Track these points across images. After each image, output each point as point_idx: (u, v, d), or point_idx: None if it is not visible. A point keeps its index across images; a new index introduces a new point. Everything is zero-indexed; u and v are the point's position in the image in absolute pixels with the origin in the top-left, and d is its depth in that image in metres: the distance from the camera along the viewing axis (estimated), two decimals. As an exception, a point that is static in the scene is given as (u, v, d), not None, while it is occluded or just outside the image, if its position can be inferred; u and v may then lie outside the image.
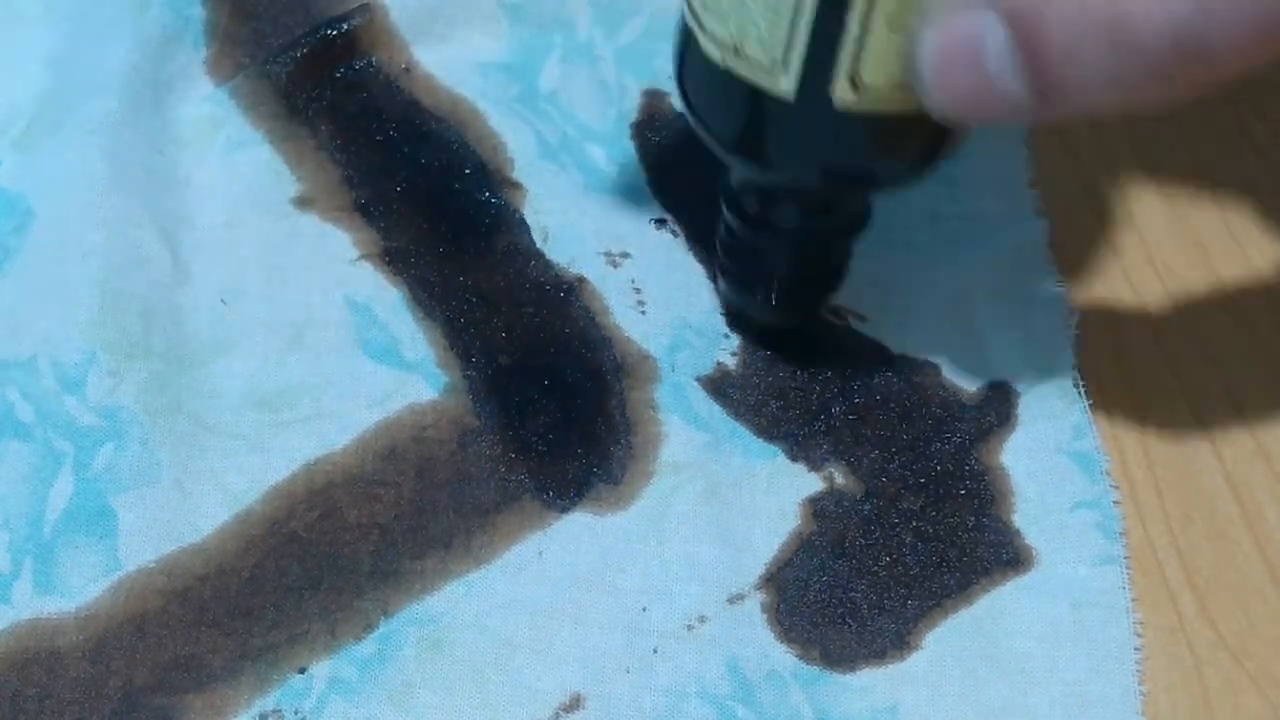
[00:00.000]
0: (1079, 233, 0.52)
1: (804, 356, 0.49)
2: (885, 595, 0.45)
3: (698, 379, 0.49)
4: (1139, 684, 0.43)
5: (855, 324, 0.50)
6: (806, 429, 0.48)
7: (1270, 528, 0.46)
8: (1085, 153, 0.53)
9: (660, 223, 0.52)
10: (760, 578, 0.45)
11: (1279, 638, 0.45)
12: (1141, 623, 0.44)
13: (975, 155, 0.52)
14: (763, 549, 0.46)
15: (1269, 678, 0.44)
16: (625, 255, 0.51)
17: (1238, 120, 0.54)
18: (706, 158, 0.43)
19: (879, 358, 0.49)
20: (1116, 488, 0.46)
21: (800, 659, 0.44)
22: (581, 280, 0.50)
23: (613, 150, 0.53)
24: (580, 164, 0.53)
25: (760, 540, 0.46)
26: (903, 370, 0.49)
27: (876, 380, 0.48)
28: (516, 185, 0.52)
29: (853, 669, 0.44)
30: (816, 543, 0.46)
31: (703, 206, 0.52)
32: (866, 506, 0.46)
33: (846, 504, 0.46)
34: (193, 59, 0.53)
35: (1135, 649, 0.44)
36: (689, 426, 0.48)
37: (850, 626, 0.44)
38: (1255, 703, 0.44)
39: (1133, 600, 0.44)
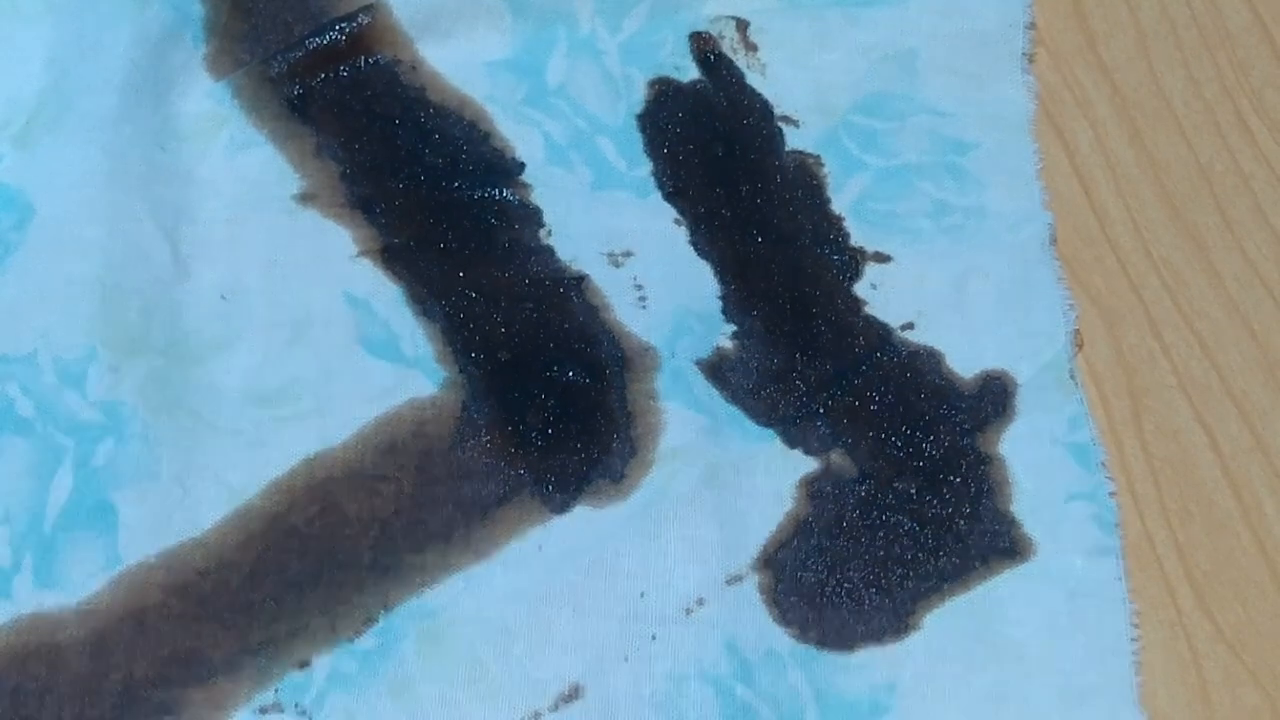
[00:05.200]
0: (1078, 228, 0.52)
1: (804, 337, 0.49)
2: (882, 575, 0.45)
3: (697, 363, 0.49)
4: (1135, 675, 0.43)
5: (856, 307, 0.50)
6: (803, 412, 0.48)
7: (1269, 522, 0.46)
8: (1085, 148, 0.53)
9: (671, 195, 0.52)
10: (756, 559, 0.45)
11: (1278, 632, 0.45)
12: (1140, 615, 0.44)
13: (985, 148, 0.52)
14: (759, 530, 0.46)
15: (1268, 671, 0.44)
16: (628, 254, 0.51)
17: (1237, 117, 0.54)
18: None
19: (878, 340, 0.49)
20: (1112, 479, 0.46)
21: (798, 639, 0.44)
22: (583, 278, 0.50)
23: (623, 144, 0.53)
24: (589, 159, 0.53)
25: (757, 522, 0.46)
26: (901, 356, 0.49)
27: (874, 365, 0.49)
28: (521, 184, 0.52)
29: (850, 649, 0.44)
30: (813, 524, 0.46)
31: (709, 194, 0.52)
32: (863, 488, 0.47)
33: (843, 485, 0.47)
34: (192, 55, 0.53)
35: (1132, 640, 0.44)
36: (688, 410, 0.48)
37: (848, 606, 0.45)
38: (1254, 696, 0.44)
39: (1130, 592, 0.44)
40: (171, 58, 0.53)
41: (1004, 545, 0.45)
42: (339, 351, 0.49)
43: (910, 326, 0.49)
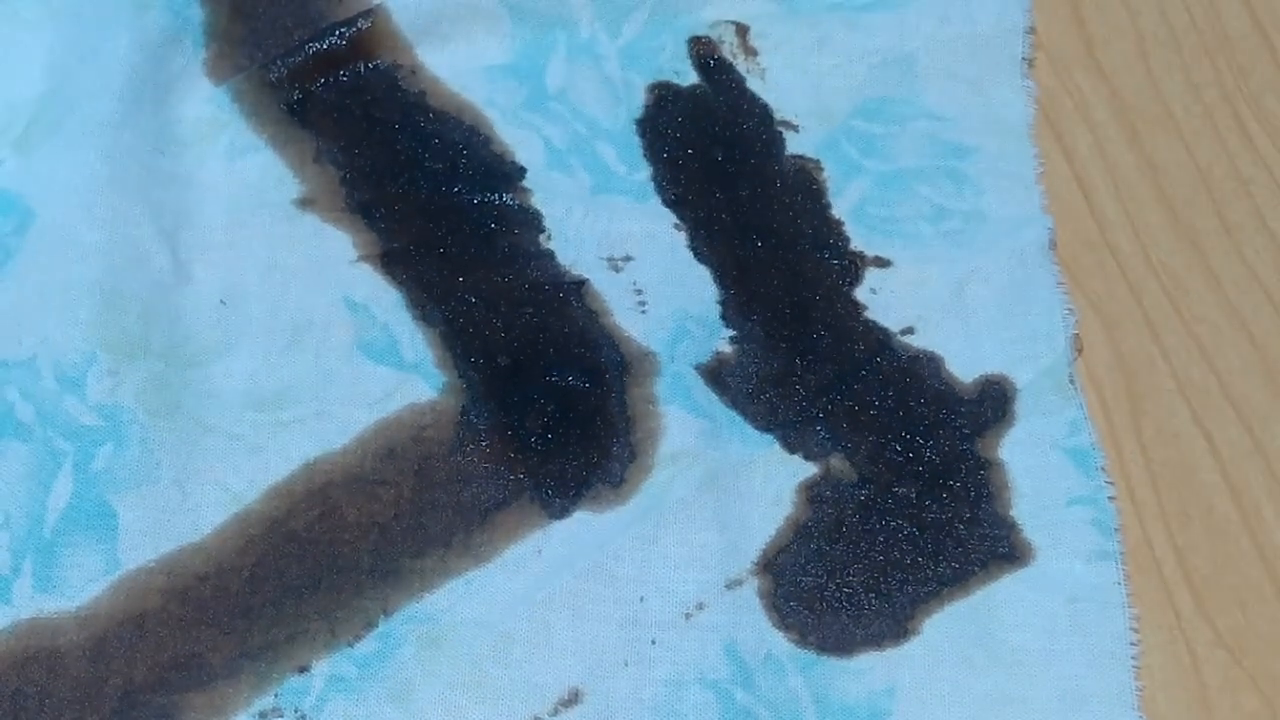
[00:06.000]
0: (1078, 232, 0.52)
1: (803, 341, 0.49)
2: (882, 580, 0.45)
3: (696, 367, 0.49)
4: (1135, 680, 0.43)
5: (856, 312, 0.50)
6: (803, 416, 0.48)
7: (1268, 527, 0.46)
8: (1085, 153, 0.53)
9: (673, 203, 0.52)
10: (756, 563, 0.45)
11: (1277, 637, 0.45)
12: (1139, 619, 0.44)
13: (984, 152, 0.52)
14: (759, 535, 0.46)
15: (1267, 676, 0.44)
16: (627, 258, 0.51)
17: (1236, 121, 0.54)
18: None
19: (877, 345, 0.49)
20: (1111, 484, 0.46)
21: (797, 644, 0.44)
22: (582, 282, 0.51)
23: (623, 148, 0.53)
24: (589, 164, 0.53)
25: (756, 526, 0.46)
26: (901, 360, 0.49)
27: (873, 369, 0.49)
28: (520, 189, 0.52)
29: (850, 653, 0.44)
30: (813, 528, 0.46)
31: (709, 199, 0.52)
32: (862, 493, 0.47)
33: (843, 490, 0.47)
34: (192, 60, 0.53)
35: (1132, 644, 0.44)
36: (688, 414, 0.48)
37: (847, 610, 0.45)
38: (1254, 701, 0.44)
39: (1129, 597, 0.44)
40: (171, 62, 0.53)
41: (1003, 550, 0.45)
42: (338, 356, 0.49)
43: (910, 331, 0.50)
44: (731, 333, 0.49)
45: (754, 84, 0.54)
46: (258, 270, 0.51)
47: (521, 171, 0.52)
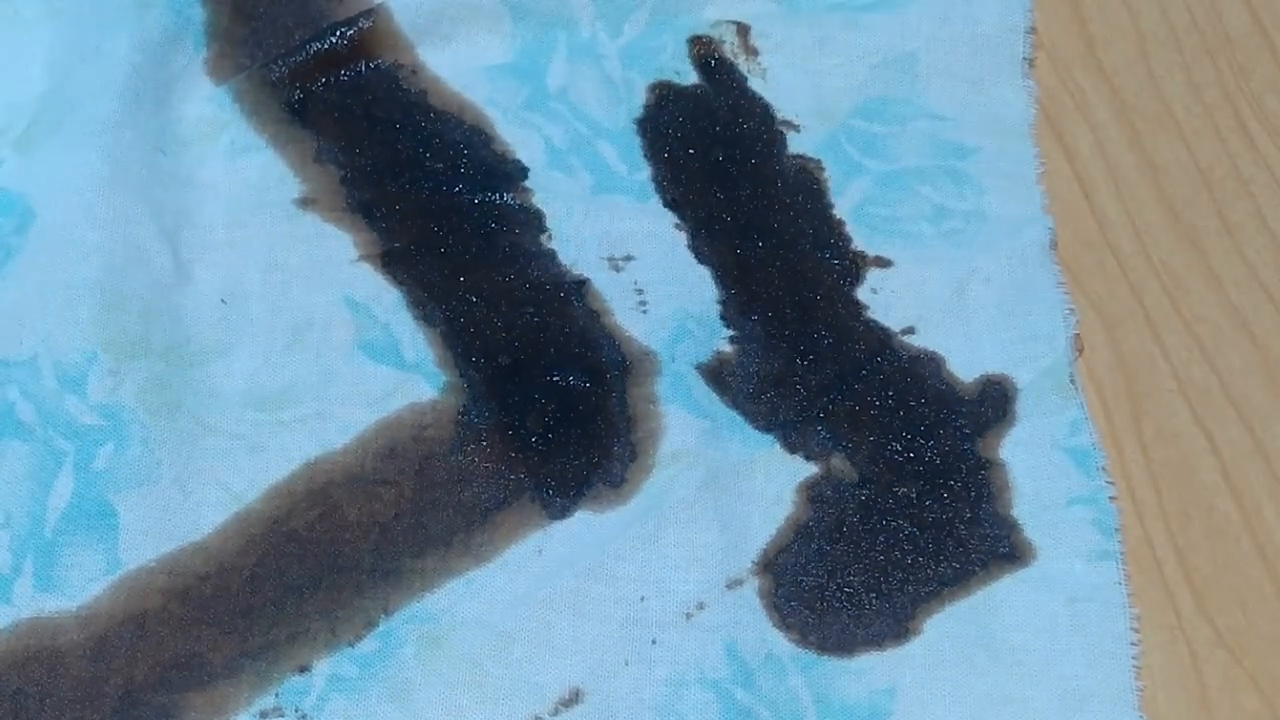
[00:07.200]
0: (1078, 232, 0.52)
1: (804, 341, 0.49)
2: (882, 580, 0.45)
3: (697, 367, 0.49)
4: (1136, 680, 0.43)
5: (857, 311, 0.50)
6: (803, 416, 0.48)
7: (1269, 527, 0.46)
8: (1086, 153, 0.53)
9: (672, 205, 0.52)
10: (757, 563, 0.45)
11: (1277, 636, 0.45)
12: (1139, 619, 0.44)
13: (985, 152, 0.52)
14: (759, 534, 0.46)
15: (1267, 676, 0.44)
16: (628, 258, 0.51)
17: (1237, 121, 0.54)
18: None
19: (878, 345, 0.49)
20: (1112, 483, 0.46)
21: (798, 644, 0.44)
22: (583, 282, 0.51)
23: (623, 148, 0.53)
24: (590, 164, 0.53)
25: (757, 526, 0.46)
26: (902, 360, 0.49)
27: (874, 369, 0.49)
28: (521, 189, 0.52)
29: (851, 653, 0.44)
30: (813, 528, 0.46)
31: (709, 199, 0.52)
32: (863, 493, 0.47)
33: (843, 490, 0.47)
34: (193, 60, 0.53)
35: (1132, 644, 0.44)
36: (688, 414, 0.48)
37: (848, 610, 0.45)
38: (1254, 702, 0.44)
39: (1130, 597, 0.44)
40: (172, 62, 0.53)
41: (1004, 550, 0.45)
42: (339, 356, 0.49)
43: (911, 331, 0.50)
44: (732, 332, 0.49)
45: (755, 84, 0.54)
46: (258, 270, 0.51)
47: (522, 171, 0.52)
